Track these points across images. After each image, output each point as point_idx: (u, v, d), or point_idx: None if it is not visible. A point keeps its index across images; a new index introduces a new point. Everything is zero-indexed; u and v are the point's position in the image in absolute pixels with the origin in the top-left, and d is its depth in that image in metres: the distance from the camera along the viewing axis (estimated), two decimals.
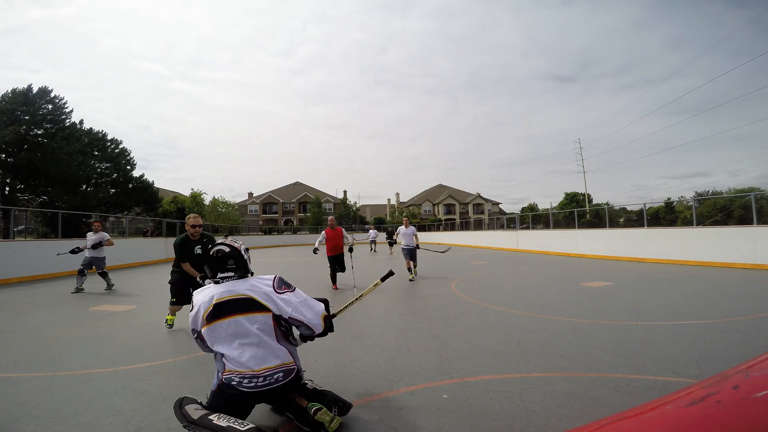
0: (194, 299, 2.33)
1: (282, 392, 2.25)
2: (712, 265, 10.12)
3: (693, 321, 4.55)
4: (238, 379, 2.14)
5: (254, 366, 2.15)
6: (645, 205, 15.33)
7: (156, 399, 2.73)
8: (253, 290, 2.26)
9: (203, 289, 2.37)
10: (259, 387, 2.15)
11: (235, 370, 2.15)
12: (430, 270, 11.13)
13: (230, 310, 2.21)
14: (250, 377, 2.14)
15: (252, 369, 2.14)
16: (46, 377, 3.21)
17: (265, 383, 2.16)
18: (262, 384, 2.16)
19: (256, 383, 2.15)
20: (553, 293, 6.84)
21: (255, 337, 2.19)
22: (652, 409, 0.64)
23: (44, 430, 2.33)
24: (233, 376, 2.15)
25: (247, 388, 2.14)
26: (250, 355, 2.16)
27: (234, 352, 2.17)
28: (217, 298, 2.23)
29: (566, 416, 2.33)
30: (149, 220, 23.82)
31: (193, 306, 2.31)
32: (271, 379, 2.17)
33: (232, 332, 2.19)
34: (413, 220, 53.15)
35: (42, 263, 10.67)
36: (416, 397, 2.68)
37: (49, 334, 4.64)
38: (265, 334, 2.21)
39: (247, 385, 2.14)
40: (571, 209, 23.81)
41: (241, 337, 2.19)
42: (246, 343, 2.18)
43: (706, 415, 0.55)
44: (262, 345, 2.19)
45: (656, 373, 2.96)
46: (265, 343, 2.20)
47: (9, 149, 22.92)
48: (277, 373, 2.18)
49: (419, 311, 5.60)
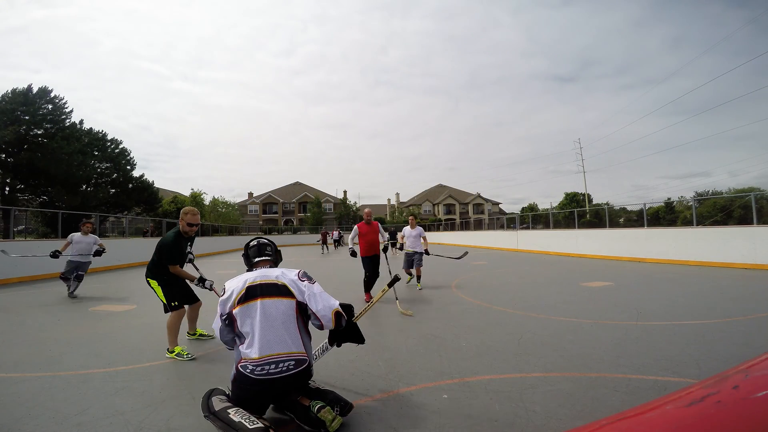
0: (227, 285, 2.44)
1: (292, 383, 2.30)
2: (712, 265, 10.12)
3: (693, 321, 4.55)
4: (252, 367, 2.21)
5: (270, 350, 2.23)
6: (645, 205, 15.34)
7: (156, 399, 2.73)
8: (282, 276, 2.46)
9: (236, 276, 2.50)
10: (271, 374, 2.22)
11: (249, 358, 2.23)
12: (430, 270, 11.12)
13: (260, 292, 2.35)
14: (262, 364, 2.21)
15: (268, 353, 2.22)
16: (46, 377, 3.21)
17: (277, 370, 2.22)
18: (274, 372, 2.22)
19: (268, 370, 2.21)
20: (553, 293, 6.84)
21: (277, 321, 2.30)
22: (652, 409, 0.64)
23: (44, 430, 2.33)
24: (247, 364, 2.23)
25: (260, 375, 2.21)
26: (269, 338, 2.26)
27: (256, 334, 2.26)
28: (250, 281, 2.39)
29: (566, 416, 2.33)
30: (149, 220, 23.82)
31: (225, 290, 2.41)
32: (283, 366, 2.24)
33: (260, 314, 2.30)
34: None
35: (42, 263, 10.64)
36: (416, 397, 2.68)
37: (49, 334, 4.64)
38: (287, 320, 2.34)
39: (259, 373, 2.21)
40: (571, 209, 23.81)
41: (266, 319, 2.30)
42: (268, 326, 2.28)
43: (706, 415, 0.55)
44: (281, 329, 2.30)
45: (656, 373, 2.96)
46: (285, 328, 2.31)
47: (9, 149, 22.94)
48: (289, 360, 2.26)
49: (419, 311, 5.60)
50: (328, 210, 56.74)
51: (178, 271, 3.84)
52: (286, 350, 2.27)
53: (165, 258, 3.80)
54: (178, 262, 3.86)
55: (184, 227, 3.94)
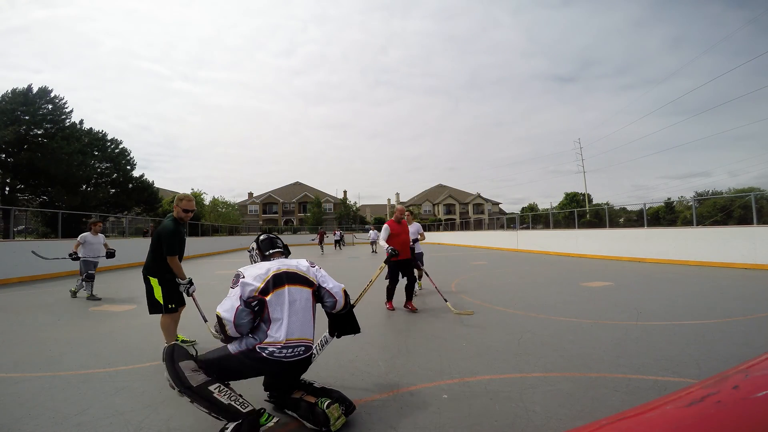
0: (246, 272, 2.43)
1: (299, 369, 2.41)
2: (712, 265, 10.12)
3: (693, 321, 4.55)
4: (272, 349, 2.27)
5: (292, 335, 2.32)
6: (645, 205, 15.34)
7: (156, 399, 2.73)
8: (299, 265, 2.60)
9: (253, 265, 2.54)
10: (287, 357, 2.29)
11: (276, 342, 2.28)
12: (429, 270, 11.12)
13: (286, 280, 2.44)
14: (282, 348, 2.28)
15: (290, 338, 2.30)
16: (46, 377, 3.21)
17: (292, 354, 2.31)
18: (290, 355, 2.30)
19: (285, 353, 2.29)
20: (553, 293, 6.83)
21: (300, 308, 2.41)
22: (652, 409, 0.64)
23: (44, 430, 2.33)
24: (268, 347, 2.28)
25: (277, 357, 2.27)
26: (294, 324, 2.35)
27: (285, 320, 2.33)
28: (274, 270, 2.46)
29: (566, 416, 2.33)
30: (149, 220, 23.81)
31: (244, 276, 2.41)
32: (296, 351, 2.33)
33: (288, 300, 2.39)
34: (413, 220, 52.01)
35: (42, 263, 10.63)
36: (416, 397, 2.68)
37: (49, 334, 4.64)
38: (306, 307, 2.47)
39: (278, 356, 2.27)
40: (571, 209, 23.80)
41: (291, 305, 2.39)
42: (293, 312, 2.37)
43: (706, 415, 0.55)
44: (303, 316, 2.41)
45: (656, 373, 2.96)
46: (305, 315, 2.43)
47: (9, 149, 22.92)
48: (301, 346, 2.36)
49: (419, 311, 5.60)
50: (328, 210, 56.72)
51: (176, 264, 3.57)
52: (303, 336, 2.38)
53: (165, 248, 3.51)
54: (178, 253, 3.60)
55: (179, 213, 3.69)
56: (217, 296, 4.52)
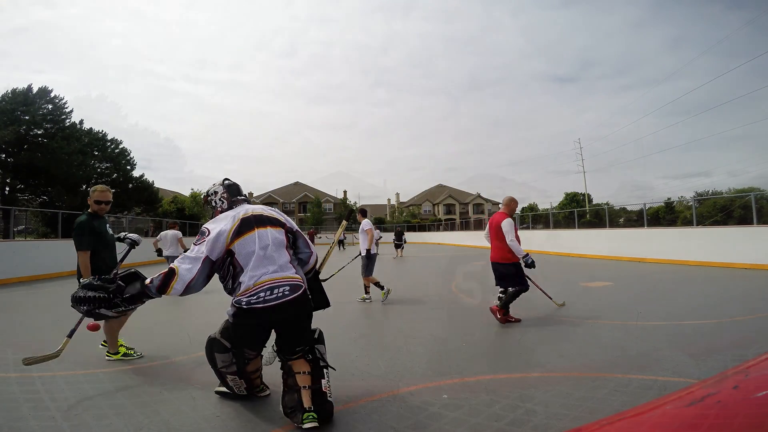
0: (212, 227, 2.36)
1: (292, 311, 2.28)
2: (712, 265, 10.11)
3: (693, 321, 4.55)
4: (246, 299, 2.20)
5: (262, 277, 2.23)
6: (645, 205, 15.37)
7: (156, 399, 2.73)
8: (264, 209, 2.55)
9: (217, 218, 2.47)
10: (268, 301, 2.19)
11: (244, 290, 2.21)
12: (430, 270, 11.12)
13: (255, 223, 2.38)
14: (257, 291, 2.20)
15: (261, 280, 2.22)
16: (46, 377, 3.21)
17: (273, 296, 2.21)
18: (270, 298, 2.20)
19: (264, 297, 2.20)
20: (553, 293, 6.83)
21: (270, 248, 2.33)
22: (652, 409, 0.64)
23: (44, 429, 2.33)
24: (241, 298, 2.22)
25: (255, 303, 2.19)
26: (263, 266, 2.27)
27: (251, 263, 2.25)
28: (242, 214, 2.41)
29: (566, 416, 2.33)
30: (149, 220, 23.83)
31: (210, 232, 2.32)
32: (278, 291, 2.22)
33: (258, 244, 2.32)
34: (413, 220, 52.79)
35: (42, 263, 10.67)
36: (416, 397, 2.68)
37: (49, 334, 4.64)
38: (279, 246, 2.39)
39: (255, 302, 2.19)
40: (571, 209, 23.82)
41: (261, 248, 2.31)
42: (261, 254, 2.30)
43: (706, 415, 0.55)
44: (274, 255, 2.33)
45: (656, 373, 2.96)
46: (278, 254, 2.34)
47: (9, 149, 22.93)
48: (284, 285, 2.25)
49: (419, 311, 5.60)
50: (328, 210, 56.71)
51: (83, 261, 3.33)
52: (284, 274, 2.28)
53: (75, 243, 3.36)
54: (88, 249, 3.38)
55: (93, 207, 3.54)
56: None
